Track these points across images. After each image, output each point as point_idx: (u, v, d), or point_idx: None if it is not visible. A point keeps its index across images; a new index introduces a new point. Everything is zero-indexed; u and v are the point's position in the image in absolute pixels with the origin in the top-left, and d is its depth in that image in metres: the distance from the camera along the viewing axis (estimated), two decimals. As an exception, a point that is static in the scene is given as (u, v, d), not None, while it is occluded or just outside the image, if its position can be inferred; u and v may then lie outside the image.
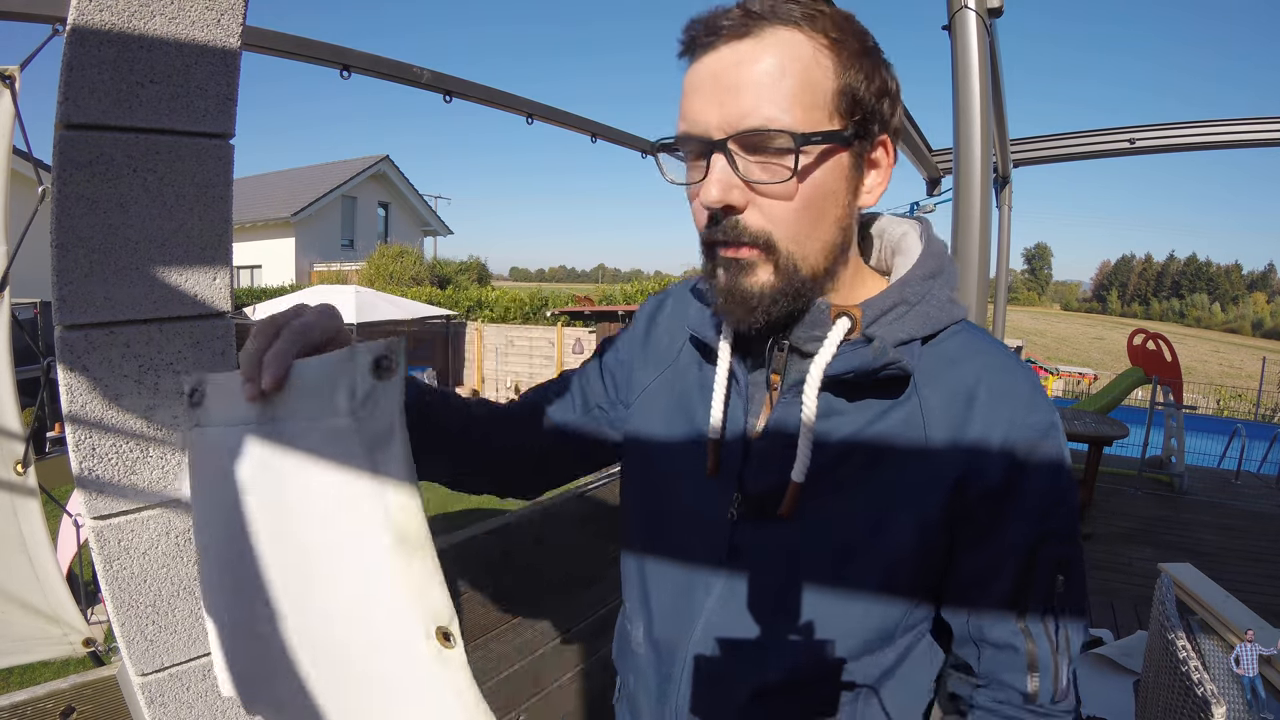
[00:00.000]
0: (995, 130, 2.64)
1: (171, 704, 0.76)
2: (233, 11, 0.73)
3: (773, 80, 0.52)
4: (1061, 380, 14.60)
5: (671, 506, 0.68)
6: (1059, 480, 0.57)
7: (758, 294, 0.55)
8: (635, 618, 0.71)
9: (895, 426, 0.58)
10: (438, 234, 21.85)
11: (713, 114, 0.53)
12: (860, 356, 0.56)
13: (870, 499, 0.58)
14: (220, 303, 0.76)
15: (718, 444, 0.62)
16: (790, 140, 0.52)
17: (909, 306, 0.59)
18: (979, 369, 0.58)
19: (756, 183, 0.53)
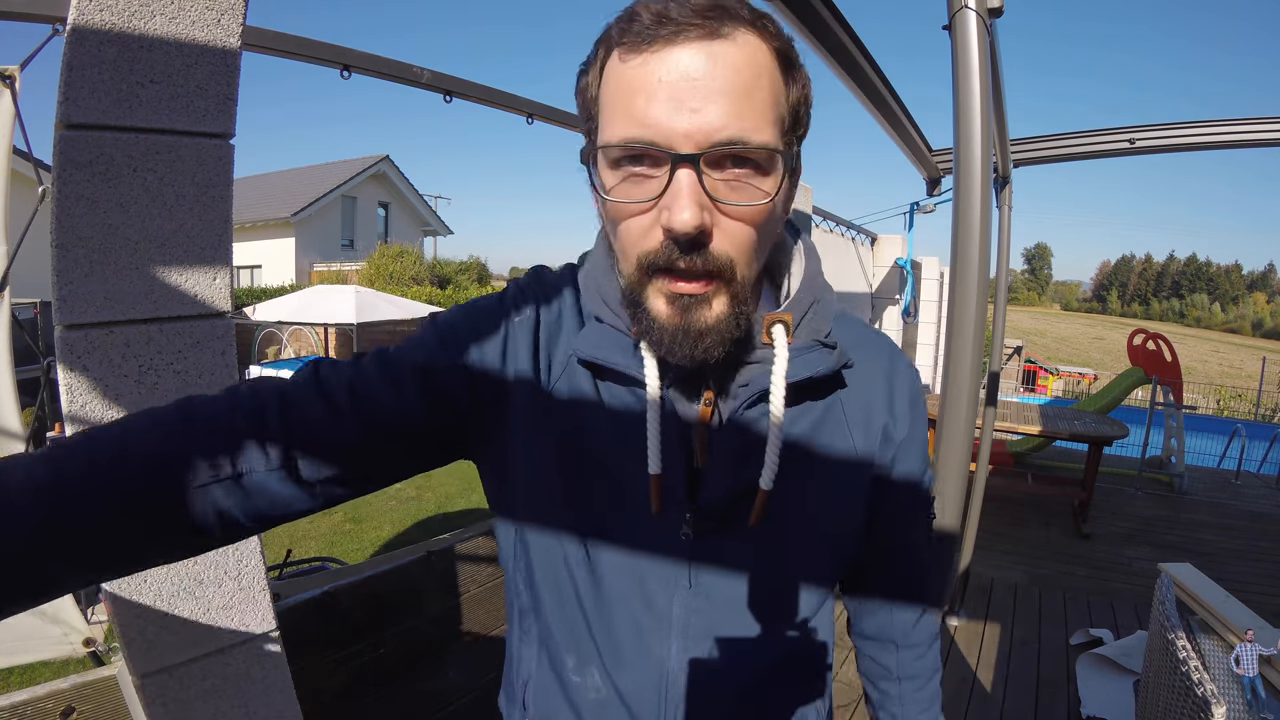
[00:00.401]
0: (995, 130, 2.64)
1: (171, 704, 0.76)
2: (233, 11, 0.73)
3: (750, 88, 0.47)
4: (1061, 380, 14.60)
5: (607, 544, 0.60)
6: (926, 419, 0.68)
7: (714, 328, 0.51)
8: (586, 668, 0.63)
9: (822, 416, 0.61)
10: (438, 234, 21.84)
11: (682, 121, 0.46)
12: (817, 361, 0.58)
13: (819, 487, 0.61)
14: (220, 303, 0.76)
15: (661, 479, 0.56)
16: (776, 157, 0.48)
17: (818, 304, 0.61)
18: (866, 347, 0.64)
19: (726, 204, 0.48)
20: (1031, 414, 5.09)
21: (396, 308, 10.21)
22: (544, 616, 0.64)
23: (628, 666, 0.61)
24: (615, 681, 0.61)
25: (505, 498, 0.64)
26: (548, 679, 0.65)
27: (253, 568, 0.81)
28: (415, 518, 5.99)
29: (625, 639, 0.60)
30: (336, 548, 5.30)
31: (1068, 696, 2.60)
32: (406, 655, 1.38)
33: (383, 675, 1.33)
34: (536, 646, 0.66)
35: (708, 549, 0.59)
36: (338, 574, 1.37)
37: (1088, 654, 2.82)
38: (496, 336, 0.61)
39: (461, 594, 1.50)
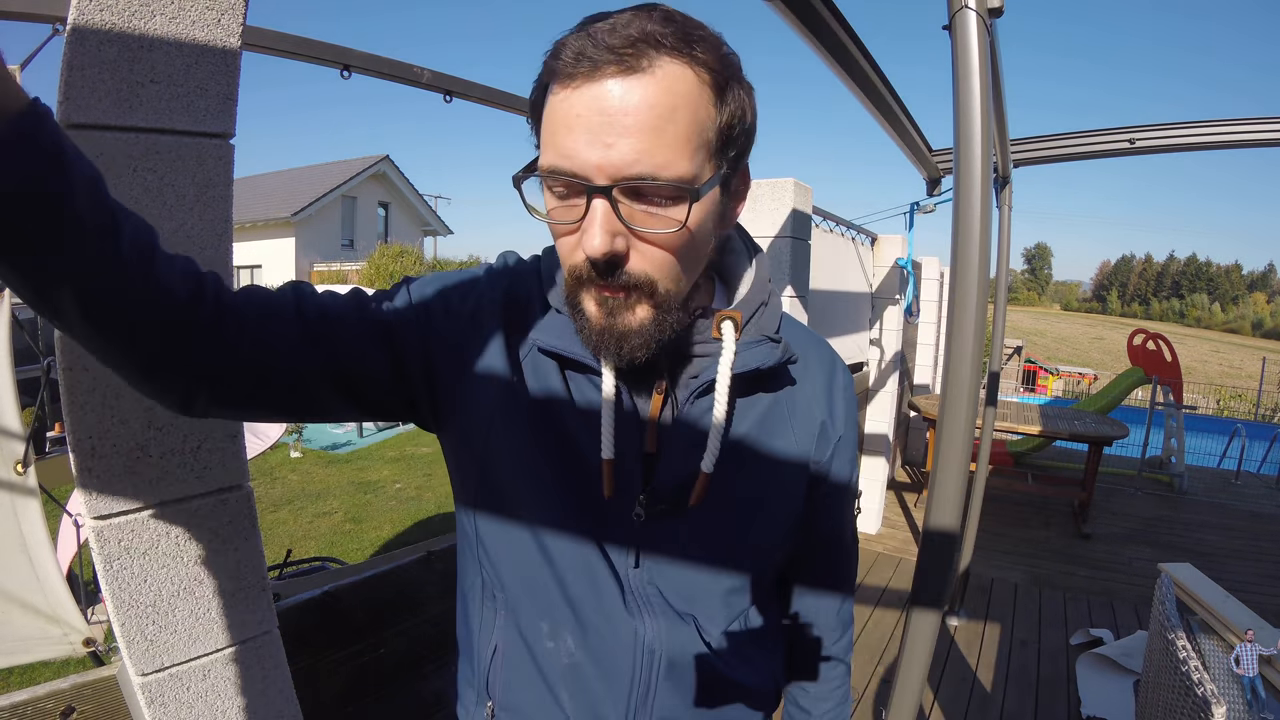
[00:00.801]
0: (995, 130, 2.64)
1: (171, 704, 0.76)
2: (233, 11, 0.73)
3: (663, 122, 0.48)
4: (1061, 380, 14.60)
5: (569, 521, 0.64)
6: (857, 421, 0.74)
7: (637, 330, 0.55)
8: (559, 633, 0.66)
9: (765, 409, 0.66)
10: (438, 234, 21.84)
11: (595, 154, 0.48)
12: (765, 354, 0.62)
13: (759, 474, 0.66)
14: (220, 303, 0.76)
15: (613, 463, 0.60)
16: (683, 192, 0.50)
17: (765, 305, 0.65)
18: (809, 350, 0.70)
19: (642, 231, 0.51)
20: (1031, 414, 5.09)
21: (396, 308, 10.20)
22: (509, 588, 0.66)
23: (598, 630, 0.64)
24: (589, 645, 0.64)
25: (467, 473, 0.67)
26: (516, 652, 0.67)
27: (253, 568, 0.81)
28: (415, 518, 5.99)
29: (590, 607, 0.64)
30: (336, 548, 5.30)
31: (1068, 696, 2.60)
32: (406, 655, 1.38)
33: (383, 675, 1.33)
34: (504, 619, 0.68)
35: (657, 530, 0.63)
36: (338, 574, 1.38)
37: (1088, 654, 2.82)
38: (465, 314, 0.63)
39: (461, 594, 1.51)
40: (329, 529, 5.72)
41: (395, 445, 8.64)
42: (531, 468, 0.63)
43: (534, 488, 0.64)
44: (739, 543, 0.67)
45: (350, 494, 6.66)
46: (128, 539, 0.71)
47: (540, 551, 0.64)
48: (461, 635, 0.75)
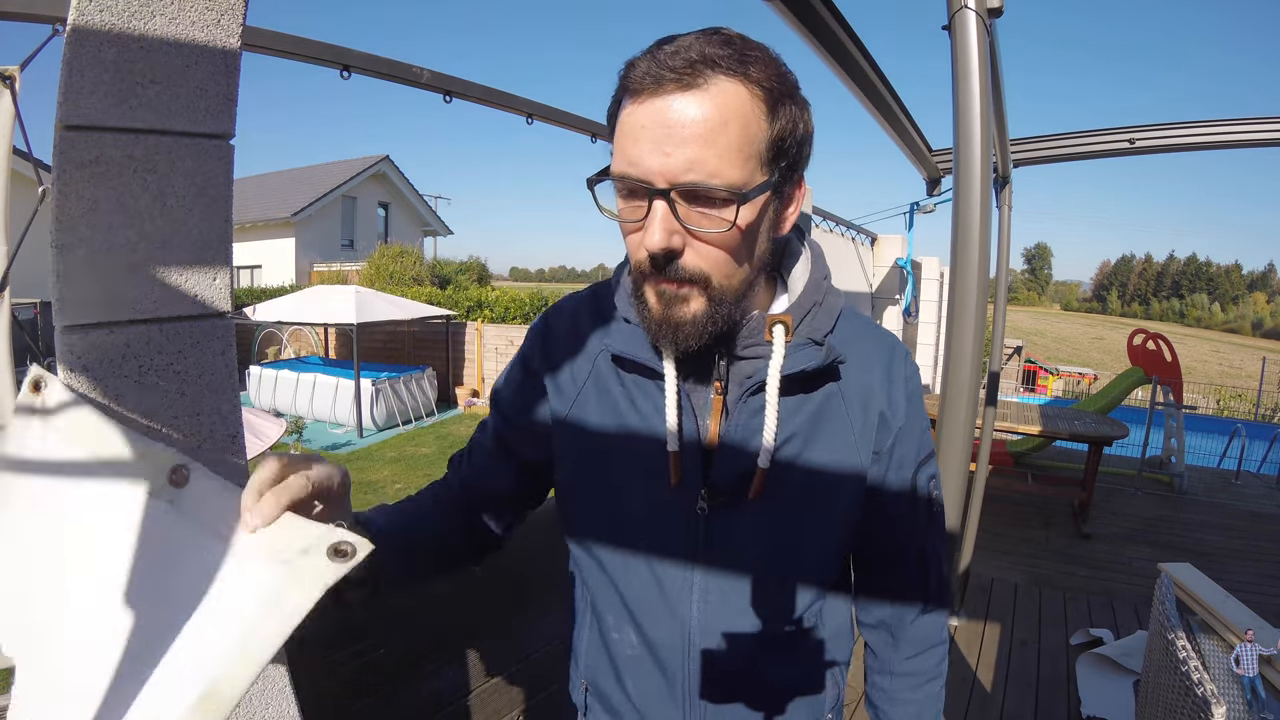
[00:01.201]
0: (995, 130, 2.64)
1: (171, 704, 0.76)
2: (233, 11, 0.73)
3: (715, 134, 0.54)
4: (1061, 380, 14.60)
5: (635, 515, 0.71)
6: (925, 416, 0.74)
7: (690, 321, 0.61)
8: (623, 626, 0.75)
9: (823, 403, 0.69)
10: (438, 234, 21.84)
11: (656, 161, 0.55)
12: (809, 357, 0.66)
13: (818, 466, 0.68)
14: (220, 303, 0.76)
15: (678, 455, 0.66)
16: (732, 196, 0.55)
17: (819, 306, 0.69)
18: (868, 343, 0.72)
19: (697, 230, 0.57)
20: (1031, 414, 5.09)
21: (396, 308, 10.21)
22: (589, 583, 0.77)
23: (656, 625, 0.71)
24: (647, 639, 0.72)
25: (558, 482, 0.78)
26: (595, 637, 0.79)
27: (253, 568, 0.81)
28: (415, 518, 5.99)
29: (652, 601, 0.71)
30: (336, 548, 5.29)
31: (1068, 696, 2.60)
32: (406, 655, 1.38)
33: (383, 675, 1.33)
34: (589, 610, 0.79)
35: (720, 522, 0.68)
36: (338, 574, 1.37)
37: (1088, 654, 2.82)
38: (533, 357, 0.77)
39: (462, 594, 1.50)
40: (329, 529, 5.72)
41: (395, 445, 8.65)
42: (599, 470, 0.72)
43: (603, 489, 0.72)
44: (798, 534, 0.69)
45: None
46: (128, 539, 0.71)
47: (609, 549, 0.73)
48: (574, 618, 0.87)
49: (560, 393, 0.74)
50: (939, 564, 0.78)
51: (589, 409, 0.72)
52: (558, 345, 0.76)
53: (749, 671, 0.72)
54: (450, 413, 10.70)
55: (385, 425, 9.47)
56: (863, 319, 0.75)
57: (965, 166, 1.25)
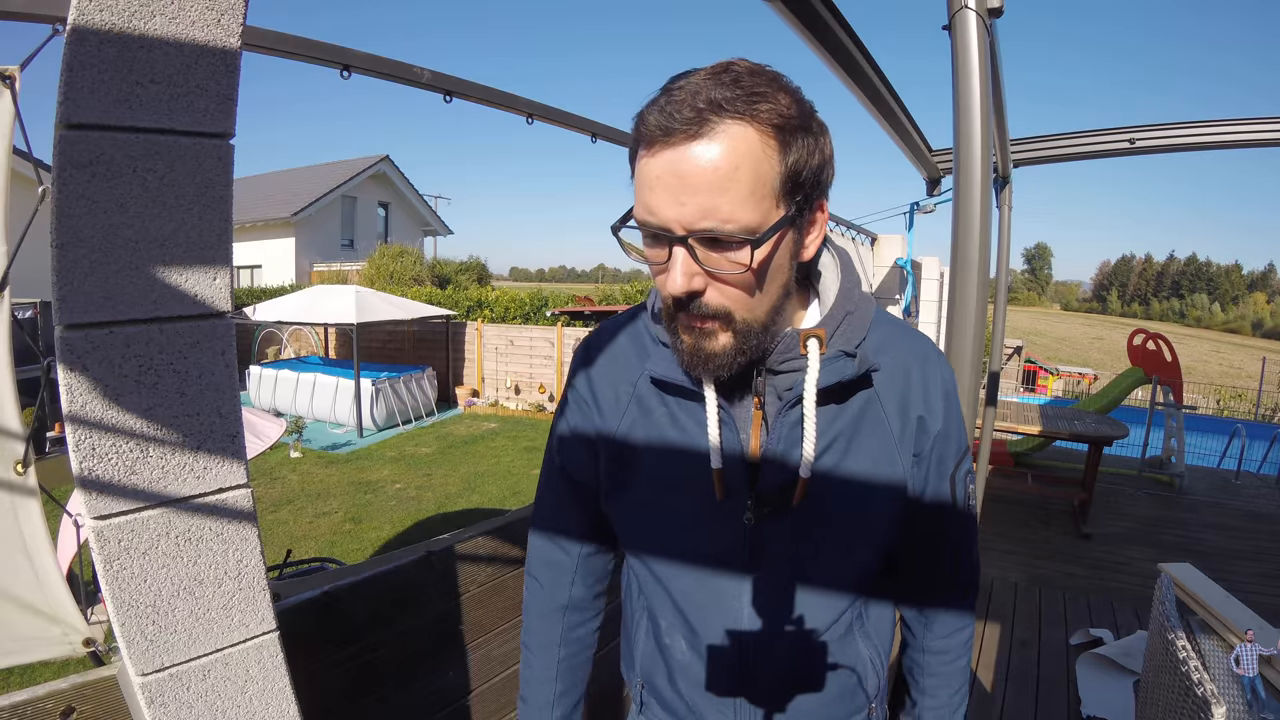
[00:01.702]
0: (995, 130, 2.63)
1: (171, 704, 0.76)
2: (233, 11, 0.73)
3: (726, 182, 0.56)
4: (1061, 380, 14.59)
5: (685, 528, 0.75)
6: (960, 414, 0.77)
7: (720, 353, 0.64)
8: (674, 633, 0.79)
9: (861, 410, 0.71)
10: (438, 234, 21.83)
11: (672, 211, 0.58)
12: (843, 369, 0.68)
13: (859, 474, 0.71)
14: (220, 303, 0.76)
15: (721, 472, 0.69)
16: (746, 239, 0.58)
17: (851, 316, 0.71)
18: (902, 347, 0.74)
19: (716, 271, 0.60)
20: (1031, 414, 5.09)
21: (397, 308, 10.21)
22: (645, 590, 0.82)
23: (708, 632, 0.75)
24: (698, 645, 0.77)
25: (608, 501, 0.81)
26: (650, 641, 0.84)
27: (252, 568, 0.81)
28: (415, 518, 5.99)
29: (704, 610, 0.75)
30: (336, 548, 5.30)
31: (1068, 696, 2.60)
32: (406, 655, 1.38)
33: (383, 675, 1.33)
34: (645, 614, 0.84)
35: (767, 531, 0.71)
36: (338, 574, 1.37)
37: (1088, 654, 2.82)
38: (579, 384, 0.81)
39: (461, 594, 1.50)
40: (329, 529, 5.72)
41: (395, 445, 8.65)
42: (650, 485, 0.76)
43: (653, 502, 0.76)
44: (843, 538, 0.72)
45: (350, 494, 6.66)
46: (128, 539, 0.71)
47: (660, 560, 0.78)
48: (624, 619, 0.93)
49: (604, 414, 0.78)
50: (969, 552, 0.82)
51: (635, 428, 0.76)
52: (599, 369, 0.80)
53: (797, 671, 0.76)
54: (450, 412, 10.69)
55: (385, 425, 9.47)
56: (897, 323, 0.77)
57: (965, 166, 1.25)
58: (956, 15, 1.30)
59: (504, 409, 10.84)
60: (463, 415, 10.58)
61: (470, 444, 8.64)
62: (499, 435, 9.23)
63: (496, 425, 9.83)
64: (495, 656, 1.56)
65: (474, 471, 7.26)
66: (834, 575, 0.74)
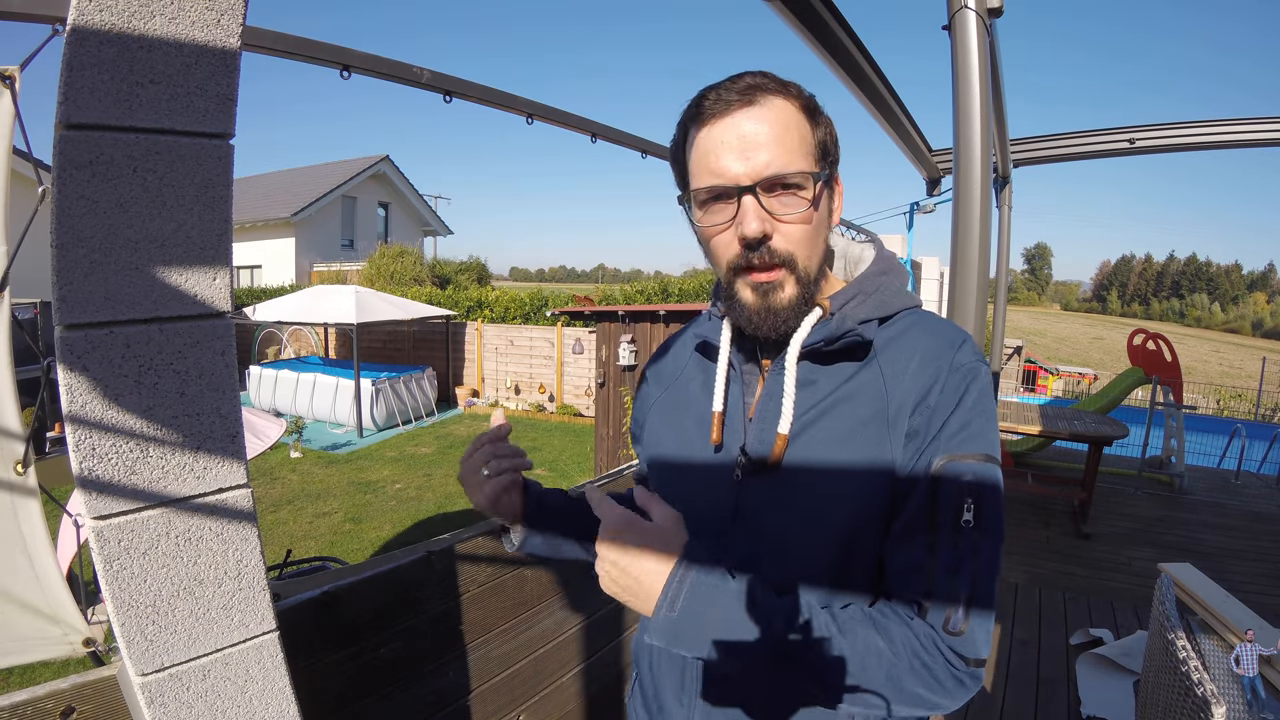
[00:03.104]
0: (995, 130, 2.63)
1: (171, 704, 0.76)
2: (233, 11, 0.73)
3: (781, 136, 0.67)
4: (1061, 380, 14.59)
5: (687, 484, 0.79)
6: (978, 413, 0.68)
7: (787, 305, 0.70)
8: None
9: (860, 385, 0.71)
10: (438, 234, 21.83)
11: (739, 167, 0.66)
12: (825, 329, 0.72)
13: (844, 443, 0.70)
14: (220, 303, 0.76)
15: (721, 416, 0.76)
16: (809, 179, 0.67)
17: (866, 296, 0.75)
18: (924, 333, 0.72)
19: (780, 215, 0.67)
20: (1031, 414, 5.09)
21: (396, 308, 10.21)
22: None
23: None
24: None
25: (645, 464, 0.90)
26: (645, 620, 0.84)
27: (252, 568, 0.81)
28: (415, 518, 5.99)
29: None
30: (336, 548, 5.30)
31: (1068, 696, 2.60)
32: (406, 655, 1.38)
33: (383, 675, 1.33)
34: None
35: (751, 488, 0.73)
36: (338, 574, 1.37)
37: (1088, 654, 2.82)
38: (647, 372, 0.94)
39: (461, 594, 1.50)
40: (329, 529, 5.72)
41: (395, 445, 8.65)
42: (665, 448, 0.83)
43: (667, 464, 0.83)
44: (824, 505, 0.70)
45: (350, 494, 6.66)
46: (128, 539, 0.71)
47: None
48: None
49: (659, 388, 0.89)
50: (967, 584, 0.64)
51: (675, 392, 0.86)
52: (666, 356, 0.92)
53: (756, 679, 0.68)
54: (450, 413, 10.69)
55: (385, 425, 9.47)
56: (934, 318, 0.76)
57: (965, 166, 1.25)
58: (956, 15, 1.30)
59: (504, 409, 10.83)
60: (463, 415, 10.58)
61: (470, 444, 8.63)
62: (499, 435, 9.21)
63: (496, 425, 9.82)
64: (495, 656, 1.56)
65: (474, 471, 7.23)
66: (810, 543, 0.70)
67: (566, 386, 10.72)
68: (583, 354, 10.36)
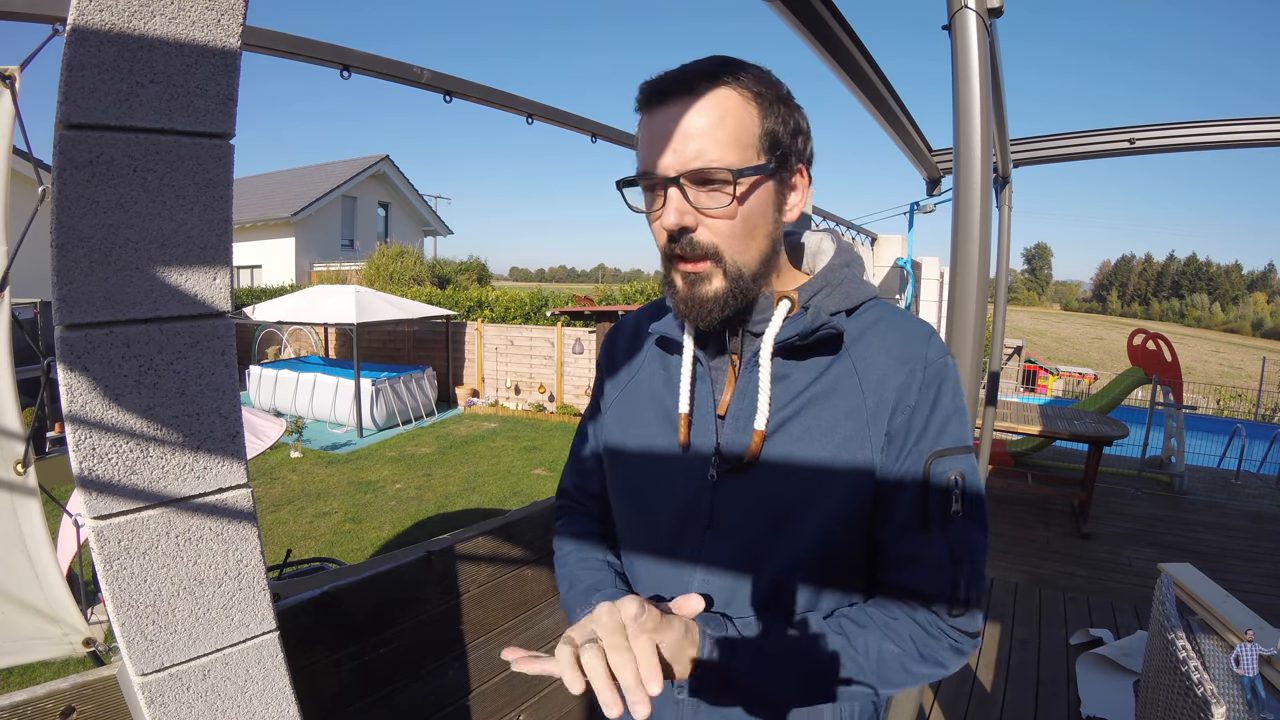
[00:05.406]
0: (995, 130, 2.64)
1: (171, 704, 0.76)
2: (233, 11, 0.73)
3: (714, 129, 0.65)
4: (1061, 380, 14.59)
5: (654, 484, 0.77)
6: (952, 408, 0.70)
7: (712, 298, 0.69)
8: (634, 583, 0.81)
9: (835, 380, 0.71)
10: (438, 234, 21.83)
11: (668, 159, 0.66)
12: (800, 323, 0.70)
13: (822, 439, 0.69)
14: (220, 303, 0.76)
15: (688, 417, 0.74)
16: (729, 175, 0.65)
17: (832, 287, 0.74)
18: (892, 327, 0.73)
19: (704, 208, 0.66)
20: (1031, 414, 5.09)
21: (396, 308, 10.21)
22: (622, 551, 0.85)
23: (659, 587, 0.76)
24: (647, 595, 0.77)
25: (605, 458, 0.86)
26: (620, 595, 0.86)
27: (252, 568, 0.81)
28: (415, 518, 5.99)
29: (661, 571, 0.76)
30: (336, 548, 5.30)
31: (1068, 696, 2.60)
32: (406, 655, 1.38)
33: (383, 675, 1.33)
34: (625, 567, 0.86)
35: (727, 488, 0.72)
36: (338, 574, 1.37)
37: (1088, 654, 2.82)
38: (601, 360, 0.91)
39: (461, 594, 1.50)
40: (329, 529, 5.72)
41: (395, 445, 8.65)
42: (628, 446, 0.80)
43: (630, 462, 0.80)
44: (797, 506, 0.70)
45: (350, 494, 6.66)
46: (128, 539, 0.71)
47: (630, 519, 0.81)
48: None
49: (616, 380, 0.86)
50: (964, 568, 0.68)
51: (635, 387, 0.83)
52: (619, 344, 0.88)
53: None
54: (450, 412, 10.69)
55: (385, 425, 9.46)
56: (898, 311, 0.76)
57: (965, 166, 1.25)
58: (956, 15, 1.30)
59: (504, 409, 10.83)
60: (463, 415, 10.58)
61: (470, 444, 8.64)
62: (499, 435, 9.23)
63: (496, 425, 9.83)
64: (495, 656, 1.56)
65: (474, 471, 7.26)
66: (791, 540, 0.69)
67: (566, 386, 10.72)
68: (583, 354, 10.36)
